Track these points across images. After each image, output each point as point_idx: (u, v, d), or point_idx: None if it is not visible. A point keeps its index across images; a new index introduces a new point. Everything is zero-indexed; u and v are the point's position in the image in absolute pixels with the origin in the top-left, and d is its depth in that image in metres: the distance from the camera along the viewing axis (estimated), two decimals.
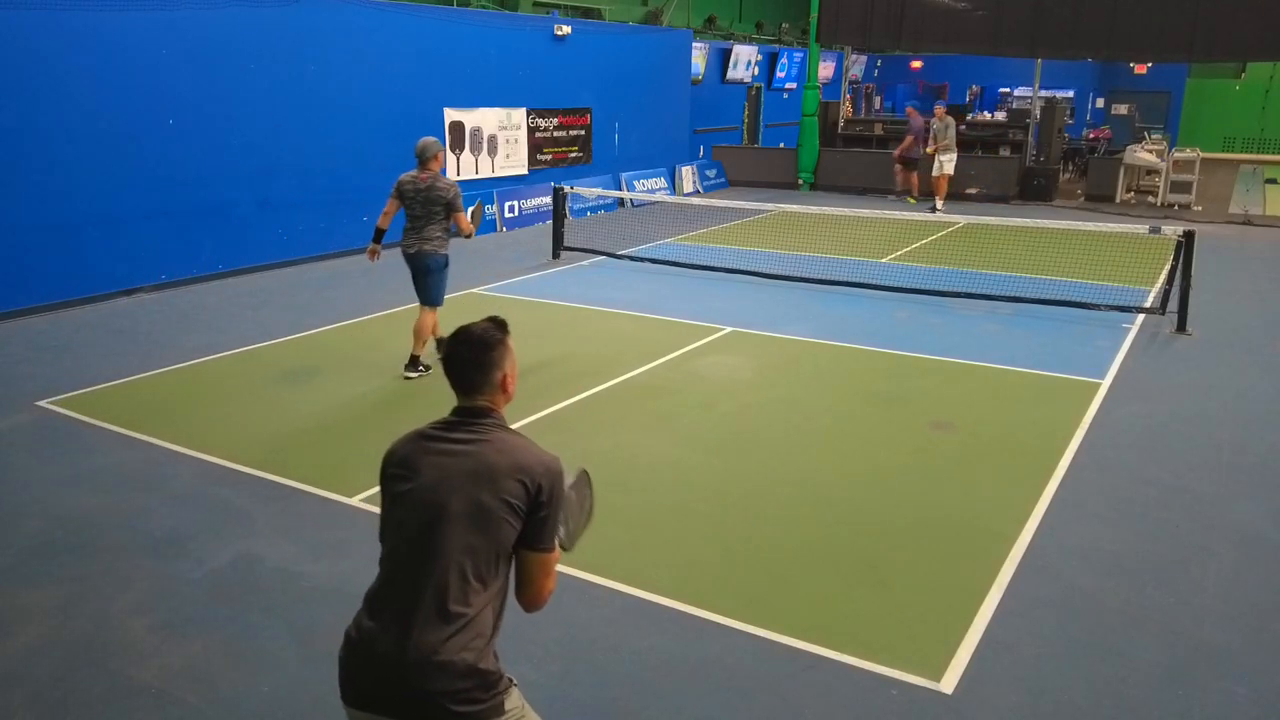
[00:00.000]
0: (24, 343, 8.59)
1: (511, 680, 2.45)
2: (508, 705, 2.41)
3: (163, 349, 8.41)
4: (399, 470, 2.48)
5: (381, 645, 2.37)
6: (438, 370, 7.86)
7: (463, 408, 2.56)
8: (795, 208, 13.30)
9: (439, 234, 7.55)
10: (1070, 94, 27.92)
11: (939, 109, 17.47)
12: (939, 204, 16.76)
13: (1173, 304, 9.32)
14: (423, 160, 7.41)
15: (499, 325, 2.63)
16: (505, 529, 2.39)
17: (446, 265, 7.72)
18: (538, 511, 2.42)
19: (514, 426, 2.36)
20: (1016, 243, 13.07)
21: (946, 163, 16.68)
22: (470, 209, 7.27)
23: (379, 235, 7.80)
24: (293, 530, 5.10)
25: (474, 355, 2.54)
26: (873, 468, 6.01)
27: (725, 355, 8.34)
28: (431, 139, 7.48)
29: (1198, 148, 19.47)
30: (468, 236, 7.93)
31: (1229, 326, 9.46)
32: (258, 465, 5.91)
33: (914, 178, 17.88)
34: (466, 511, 2.38)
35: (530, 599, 2.50)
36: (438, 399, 7.68)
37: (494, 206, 15.03)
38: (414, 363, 7.64)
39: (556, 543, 2.50)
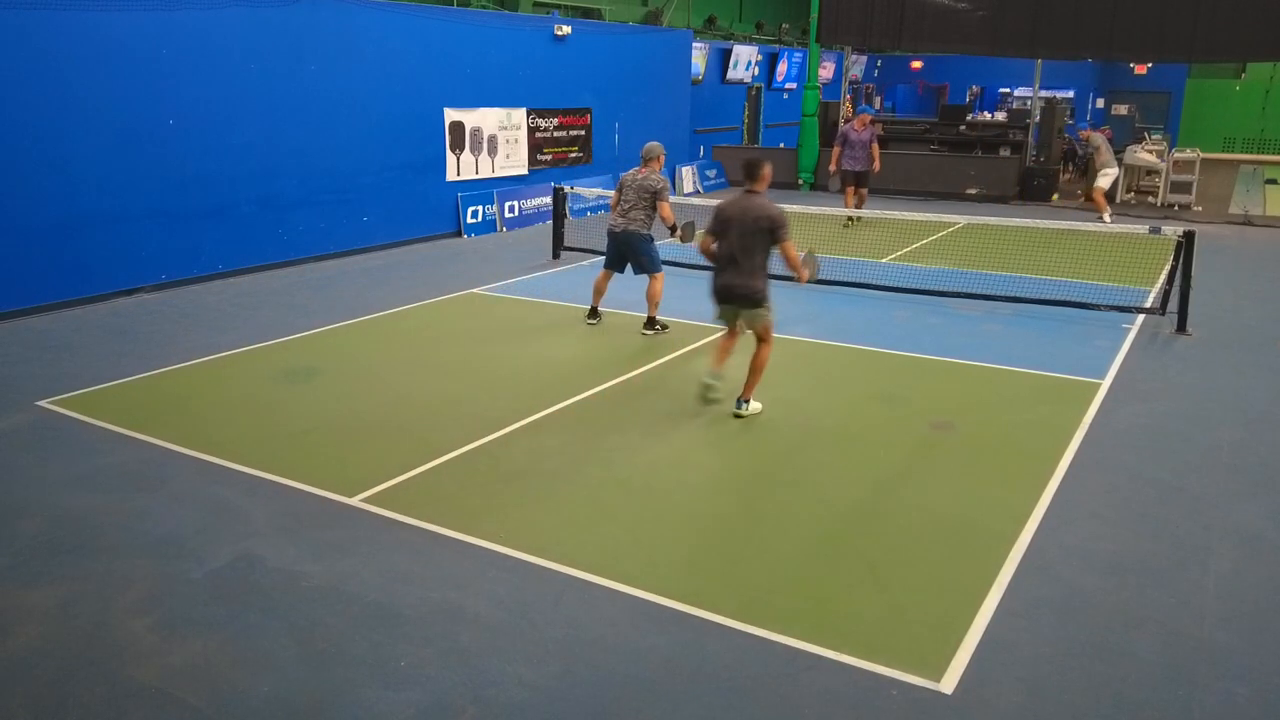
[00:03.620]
0: (24, 343, 8.59)
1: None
2: (768, 304, 6.61)
3: (163, 349, 8.41)
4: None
5: (728, 280, 6.52)
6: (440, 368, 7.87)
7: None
8: (795, 208, 13.27)
9: (642, 217, 8.99)
10: (1070, 94, 27.94)
11: (1089, 134, 17.56)
12: (1106, 216, 15.94)
13: (1173, 304, 9.32)
14: (645, 160, 9.02)
15: None
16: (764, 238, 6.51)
17: (651, 240, 9.17)
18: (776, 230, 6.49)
19: (514, 426, 2.37)
20: (1016, 243, 13.07)
21: (1102, 177, 16.01)
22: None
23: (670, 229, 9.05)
24: (293, 530, 5.10)
25: None
26: (873, 467, 6.01)
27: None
28: (653, 143, 9.12)
29: (1198, 148, 19.47)
30: (672, 231, 8.91)
31: (1229, 327, 9.46)
32: (258, 465, 5.91)
33: (863, 193, 15.37)
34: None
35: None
36: (437, 402, 7.68)
37: (495, 206, 15.04)
38: (650, 323, 9.09)
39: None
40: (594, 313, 9.47)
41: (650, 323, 9.08)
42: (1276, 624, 4.30)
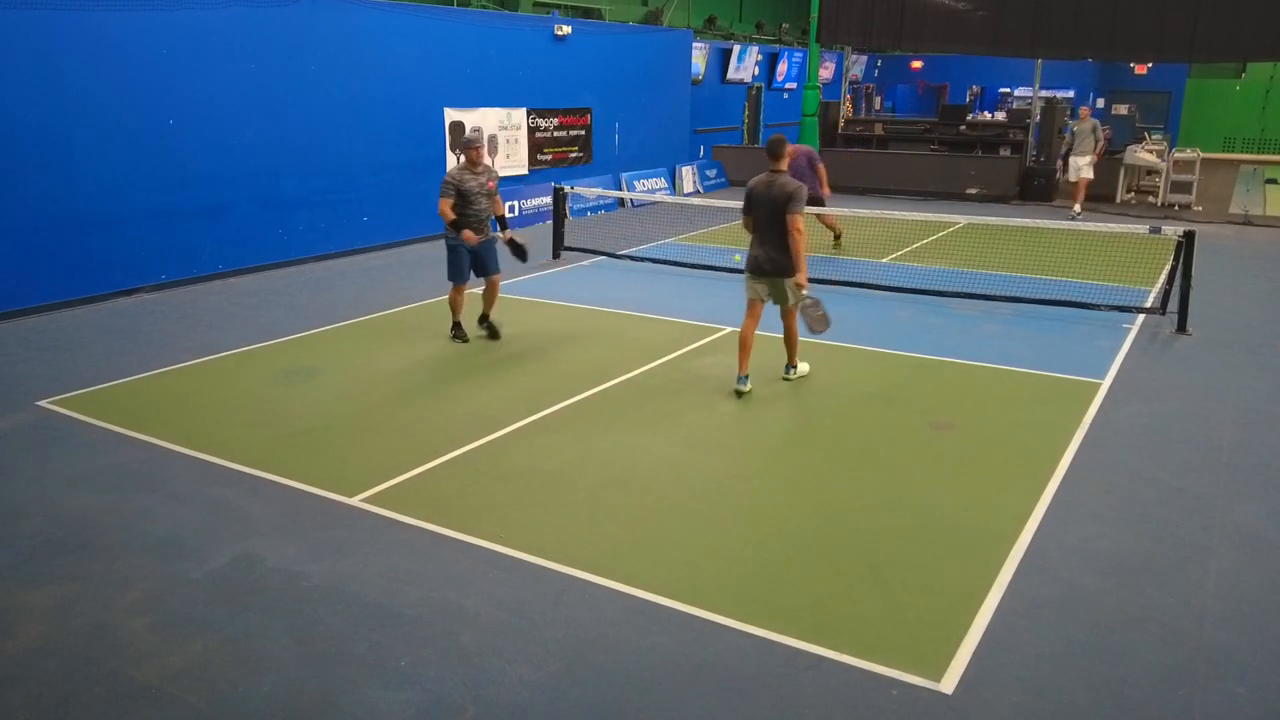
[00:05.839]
0: (24, 343, 8.59)
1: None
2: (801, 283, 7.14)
3: (163, 349, 8.41)
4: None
5: (761, 256, 7.13)
6: (452, 368, 7.86)
7: None
8: None
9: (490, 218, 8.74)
10: (1070, 94, 27.93)
11: (1084, 110, 17.13)
12: (1077, 208, 16.46)
13: (1173, 304, 9.32)
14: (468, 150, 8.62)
15: None
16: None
17: (447, 247, 8.69)
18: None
19: (515, 426, 2.36)
20: (1016, 243, 13.08)
21: (1085, 167, 16.25)
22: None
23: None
24: (293, 530, 5.10)
25: None
26: (873, 468, 6.01)
27: (725, 355, 8.33)
28: (472, 132, 9.14)
29: (1198, 148, 19.46)
30: (503, 221, 8.90)
31: (1229, 327, 9.46)
32: (258, 465, 5.91)
33: (829, 220, 13.35)
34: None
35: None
36: (437, 402, 7.67)
37: None
38: (483, 319, 8.99)
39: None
40: (459, 328, 8.81)
41: (484, 319, 8.96)
42: (1276, 624, 4.30)
